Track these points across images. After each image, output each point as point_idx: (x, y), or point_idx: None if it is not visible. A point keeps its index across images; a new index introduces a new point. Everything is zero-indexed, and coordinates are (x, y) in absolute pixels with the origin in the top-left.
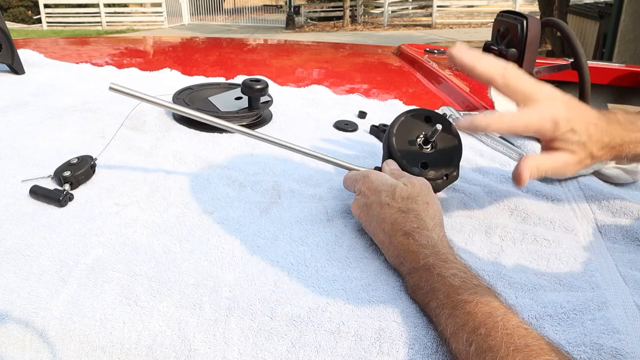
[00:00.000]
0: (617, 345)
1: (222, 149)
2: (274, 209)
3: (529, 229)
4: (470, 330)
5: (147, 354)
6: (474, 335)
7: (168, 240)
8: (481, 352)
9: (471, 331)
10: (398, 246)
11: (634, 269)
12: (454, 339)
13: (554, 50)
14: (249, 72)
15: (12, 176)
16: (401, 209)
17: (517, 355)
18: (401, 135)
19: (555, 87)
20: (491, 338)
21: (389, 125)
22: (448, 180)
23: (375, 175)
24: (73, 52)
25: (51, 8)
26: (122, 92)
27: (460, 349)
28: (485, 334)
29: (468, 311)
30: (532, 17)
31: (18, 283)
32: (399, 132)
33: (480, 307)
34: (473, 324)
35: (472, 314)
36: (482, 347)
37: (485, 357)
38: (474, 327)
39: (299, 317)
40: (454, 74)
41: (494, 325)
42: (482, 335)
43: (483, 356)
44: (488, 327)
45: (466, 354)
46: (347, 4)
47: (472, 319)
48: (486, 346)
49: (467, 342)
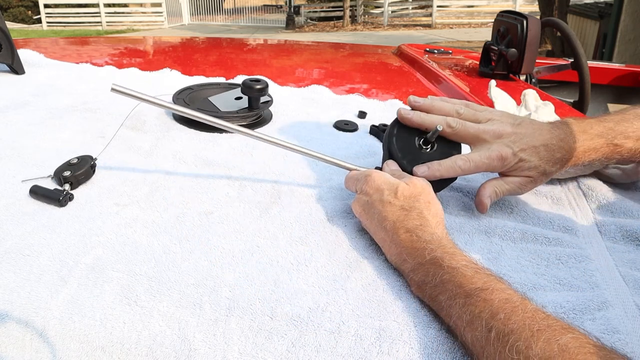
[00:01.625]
0: (617, 345)
1: (222, 149)
2: (274, 209)
3: (529, 228)
4: (488, 316)
5: (147, 354)
6: (493, 320)
7: (168, 240)
8: (503, 335)
9: (490, 317)
10: (400, 243)
11: (634, 269)
12: (471, 328)
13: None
14: (249, 72)
15: (12, 176)
16: (403, 207)
17: (542, 336)
18: (401, 135)
19: (553, 87)
20: (512, 322)
21: (389, 126)
22: (446, 182)
23: (377, 174)
24: (73, 52)
25: (51, 8)
26: (124, 93)
27: (478, 337)
28: (506, 318)
29: (484, 298)
30: (532, 17)
31: (18, 283)
32: (399, 133)
33: (497, 294)
34: (491, 310)
35: (489, 301)
36: (503, 331)
37: (508, 340)
38: (492, 313)
39: (299, 316)
40: (454, 74)
41: (512, 309)
42: (502, 319)
43: (505, 339)
44: (507, 312)
45: (486, 340)
46: (347, 4)
47: (489, 305)
48: (507, 330)
49: (486, 328)
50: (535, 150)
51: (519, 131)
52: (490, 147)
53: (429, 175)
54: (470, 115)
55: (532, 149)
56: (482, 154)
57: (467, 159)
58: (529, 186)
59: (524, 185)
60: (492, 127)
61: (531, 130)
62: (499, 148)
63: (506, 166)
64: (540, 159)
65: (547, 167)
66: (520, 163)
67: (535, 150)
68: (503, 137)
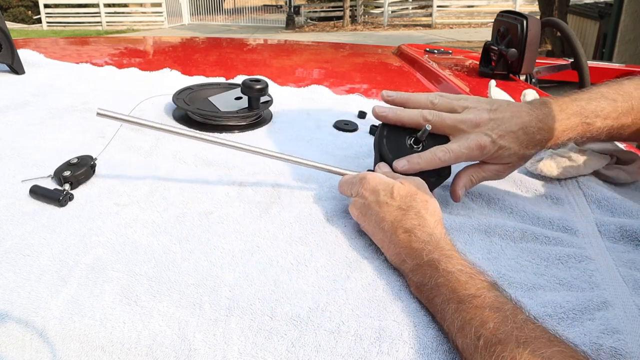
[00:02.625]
0: (617, 345)
1: (222, 149)
2: (274, 209)
3: (529, 228)
4: (478, 324)
5: (147, 354)
6: (482, 329)
7: (168, 240)
8: (490, 345)
9: (479, 325)
10: (399, 244)
11: (634, 269)
12: (461, 334)
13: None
14: (249, 72)
15: (12, 176)
16: (400, 206)
17: (528, 348)
18: (391, 136)
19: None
20: (500, 332)
21: (379, 127)
22: (440, 179)
23: (371, 176)
24: (73, 52)
25: (51, 8)
26: (110, 117)
27: (468, 344)
28: (494, 327)
29: (475, 305)
30: (532, 17)
31: (18, 283)
32: (389, 134)
33: (488, 301)
34: (481, 318)
35: (480, 308)
36: (491, 340)
37: (495, 350)
38: (482, 322)
39: (299, 316)
40: (454, 74)
41: (503, 319)
42: (490, 329)
43: (492, 349)
44: (497, 321)
45: (475, 348)
46: (347, 4)
47: (479, 313)
48: (495, 340)
49: (475, 336)
50: (514, 135)
51: (496, 117)
52: (468, 137)
53: (409, 168)
54: (445, 104)
55: (510, 135)
56: (461, 144)
57: (447, 149)
58: (507, 172)
59: (502, 172)
60: (468, 116)
61: (509, 115)
62: (478, 137)
63: (486, 155)
64: (519, 144)
65: (526, 152)
66: (500, 151)
67: (514, 135)
68: (481, 125)
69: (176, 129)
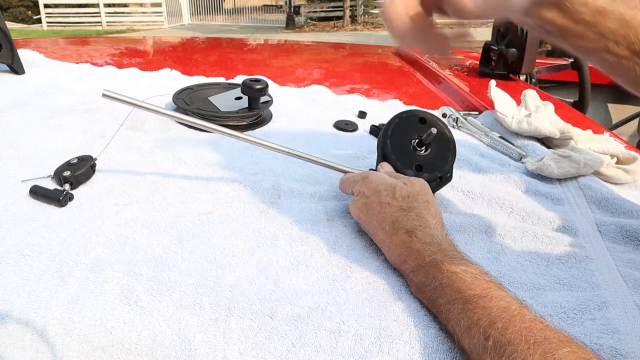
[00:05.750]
0: (617, 345)
1: (222, 149)
2: (274, 209)
3: (529, 228)
4: (486, 324)
5: (147, 354)
6: (490, 329)
7: (168, 240)
8: (500, 346)
9: (487, 325)
10: (400, 244)
11: (634, 269)
12: (468, 334)
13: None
14: (249, 72)
15: (12, 176)
16: (402, 207)
17: (538, 348)
18: (395, 137)
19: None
20: (509, 332)
21: (383, 128)
22: (442, 183)
23: (374, 175)
24: (73, 52)
25: (51, 8)
26: (115, 99)
27: (475, 344)
28: (503, 327)
29: (482, 306)
30: None
31: (18, 283)
32: (393, 135)
33: (495, 301)
34: (489, 318)
35: (487, 309)
36: (500, 341)
37: (505, 350)
38: (490, 322)
39: (299, 316)
40: (453, 74)
41: (510, 319)
42: (499, 329)
43: (502, 350)
44: (505, 321)
45: (483, 349)
46: (347, 4)
47: (487, 313)
48: (505, 340)
49: (483, 336)
50: None
51: None
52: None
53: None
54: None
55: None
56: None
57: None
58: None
59: None
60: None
61: None
62: None
63: None
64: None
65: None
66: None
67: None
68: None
69: (178, 115)
